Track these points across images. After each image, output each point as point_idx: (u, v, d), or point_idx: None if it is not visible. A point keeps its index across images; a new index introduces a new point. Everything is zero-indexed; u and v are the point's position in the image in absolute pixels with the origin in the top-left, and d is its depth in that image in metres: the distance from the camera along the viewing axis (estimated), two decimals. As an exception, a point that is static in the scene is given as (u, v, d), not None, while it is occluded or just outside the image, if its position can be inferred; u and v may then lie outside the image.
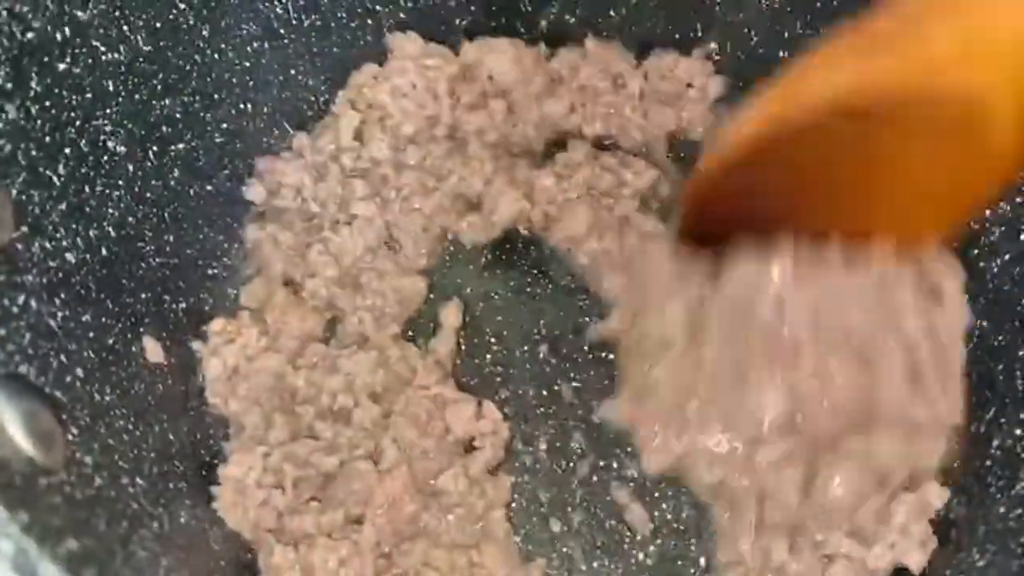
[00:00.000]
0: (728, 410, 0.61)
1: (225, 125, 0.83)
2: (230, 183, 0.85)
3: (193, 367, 0.80)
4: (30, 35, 0.63)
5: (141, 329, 0.74)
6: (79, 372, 0.63)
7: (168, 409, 0.75)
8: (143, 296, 0.75)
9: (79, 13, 0.67)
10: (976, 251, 0.77)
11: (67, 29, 0.66)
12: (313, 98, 0.89)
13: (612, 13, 0.93)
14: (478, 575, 0.74)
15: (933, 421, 0.61)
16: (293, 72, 0.87)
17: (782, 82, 0.54)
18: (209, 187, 0.83)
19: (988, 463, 0.71)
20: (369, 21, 0.89)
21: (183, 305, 0.80)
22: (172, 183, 0.79)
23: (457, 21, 0.92)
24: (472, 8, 0.91)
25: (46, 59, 0.65)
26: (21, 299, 0.59)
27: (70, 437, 0.56)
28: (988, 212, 0.76)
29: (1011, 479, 0.68)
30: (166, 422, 0.73)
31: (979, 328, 0.76)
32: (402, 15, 0.90)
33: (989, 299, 0.76)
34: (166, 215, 0.79)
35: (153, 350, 0.75)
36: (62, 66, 0.66)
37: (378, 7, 0.89)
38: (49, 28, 0.65)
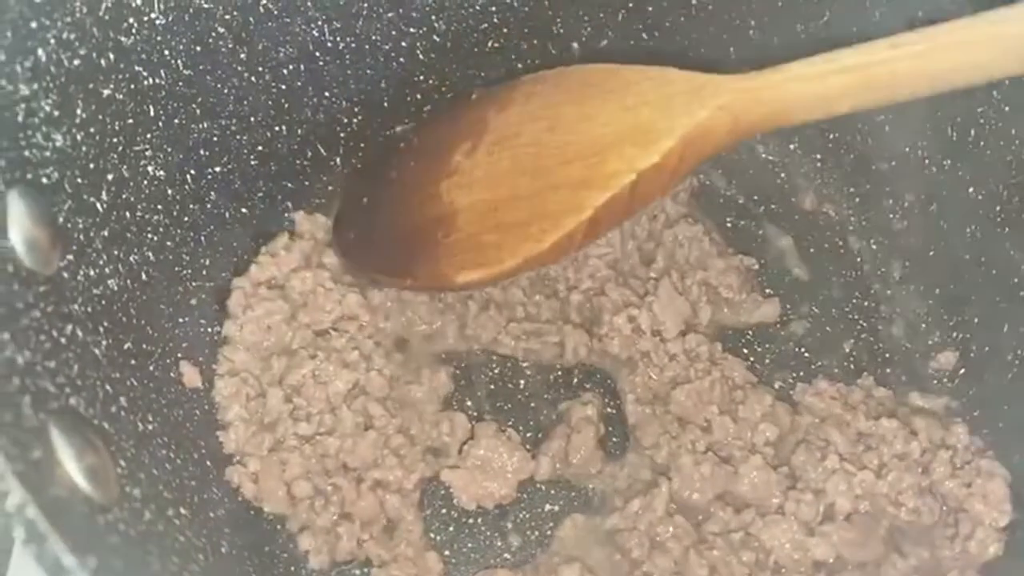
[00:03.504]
0: None
1: (260, 148, 0.83)
2: (264, 205, 0.85)
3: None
4: (76, 62, 0.63)
5: (179, 354, 0.74)
6: (123, 401, 0.62)
7: (205, 434, 0.75)
8: (180, 321, 0.75)
9: (123, 39, 0.67)
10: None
11: (111, 55, 0.66)
12: (346, 120, 0.89)
13: (645, 36, 0.93)
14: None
15: None
16: (327, 95, 0.87)
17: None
18: (244, 209, 0.83)
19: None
20: (403, 44, 0.88)
21: (219, 329, 0.80)
22: (209, 206, 0.79)
23: (490, 43, 0.92)
24: (505, 30, 0.91)
25: (91, 86, 0.64)
26: (69, 329, 0.58)
27: (119, 470, 0.56)
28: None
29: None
30: (204, 448, 0.73)
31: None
32: (436, 37, 0.90)
33: None
34: (203, 238, 0.79)
35: (191, 375, 0.74)
36: (106, 92, 0.66)
37: (411, 28, 0.89)
38: (95, 55, 0.64)
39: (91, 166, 0.65)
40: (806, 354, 0.85)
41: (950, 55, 0.61)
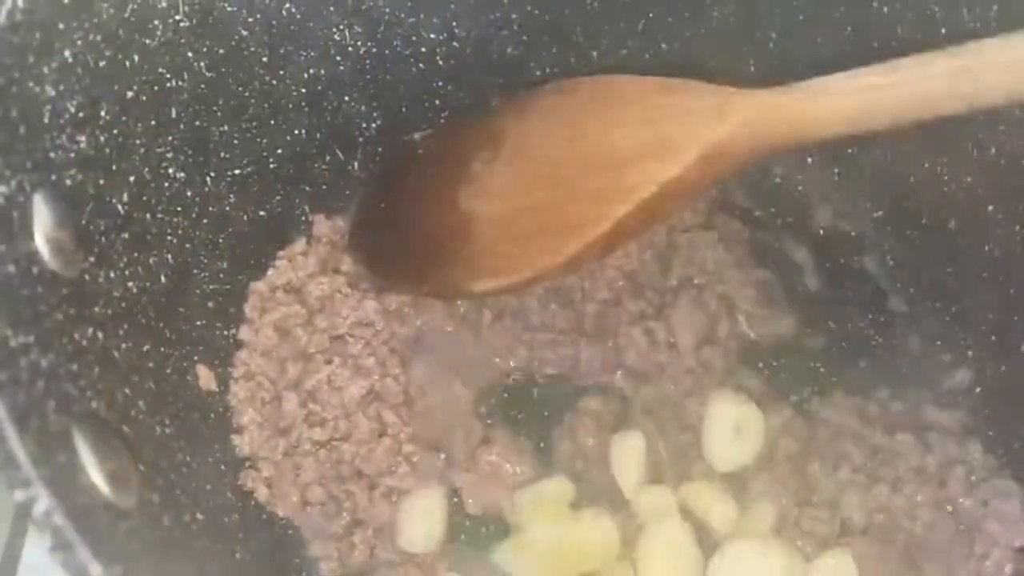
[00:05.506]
0: None
1: (280, 151, 0.83)
2: (282, 208, 0.85)
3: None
4: (102, 63, 0.63)
5: (196, 357, 0.74)
6: (142, 404, 0.62)
7: (219, 438, 0.75)
8: (197, 323, 0.75)
9: (148, 41, 0.67)
10: None
11: (136, 56, 0.66)
12: (365, 124, 0.89)
13: (664, 46, 0.93)
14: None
15: None
16: (347, 99, 0.87)
17: None
18: (262, 212, 0.83)
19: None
20: (423, 49, 0.88)
21: (235, 332, 0.79)
22: (227, 208, 0.79)
23: (510, 49, 0.92)
24: (525, 37, 0.91)
25: (116, 87, 0.64)
26: (90, 332, 0.58)
27: (138, 475, 0.56)
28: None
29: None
30: (218, 451, 0.73)
31: None
32: (456, 43, 0.89)
33: None
34: (220, 240, 0.78)
35: (206, 377, 0.74)
36: (130, 94, 0.66)
37: (432, 34, 0.89)
38: (120, 56, 0.64)
39: (113, 167, 0.65)
40: (822, 369, 0.85)
41: (975, 76, 0.60)
